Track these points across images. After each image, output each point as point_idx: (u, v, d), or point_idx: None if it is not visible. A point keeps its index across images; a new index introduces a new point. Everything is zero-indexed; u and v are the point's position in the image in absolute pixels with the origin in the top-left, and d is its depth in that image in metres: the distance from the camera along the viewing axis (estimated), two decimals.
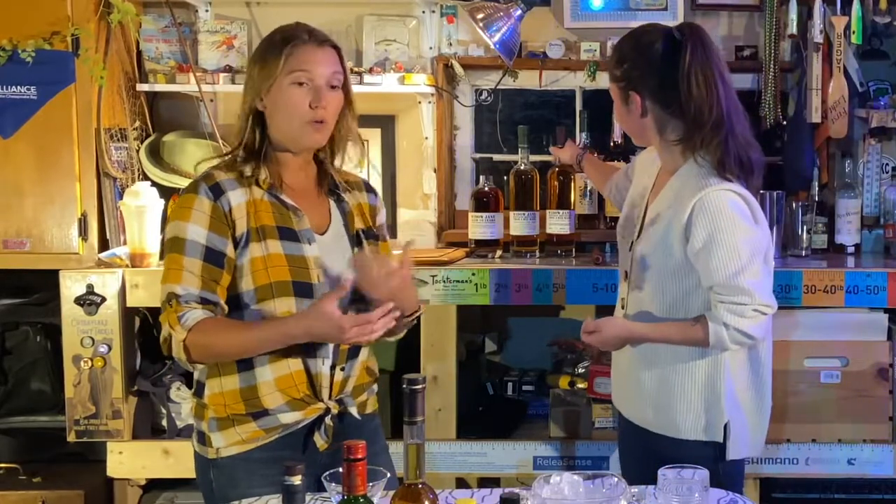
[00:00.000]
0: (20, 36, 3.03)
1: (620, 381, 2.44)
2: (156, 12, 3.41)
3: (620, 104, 2.30)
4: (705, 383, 2.26)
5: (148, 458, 3.14)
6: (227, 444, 2.10)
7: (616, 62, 2.29)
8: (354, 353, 2.17)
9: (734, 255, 2.15)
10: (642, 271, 2.29)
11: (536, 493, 1.70)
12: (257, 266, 2.06)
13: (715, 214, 2.16)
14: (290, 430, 2.10)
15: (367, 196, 2.28)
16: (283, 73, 2.06)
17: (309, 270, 2.08)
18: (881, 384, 3.01)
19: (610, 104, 2.95)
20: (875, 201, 3.42)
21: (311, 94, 2.08)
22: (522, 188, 3.26)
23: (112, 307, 3.05)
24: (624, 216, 2.46)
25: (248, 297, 2.07)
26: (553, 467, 3.06)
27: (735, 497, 1.98)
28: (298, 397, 2.09)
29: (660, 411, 2.30)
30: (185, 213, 2.05)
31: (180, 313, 2.01)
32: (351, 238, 2.19)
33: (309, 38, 2.10)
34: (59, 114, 3.09)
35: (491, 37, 3.18)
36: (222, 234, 2.05)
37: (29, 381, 3.30)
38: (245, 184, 2.08)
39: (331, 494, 1.71)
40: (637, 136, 2.36)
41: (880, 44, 3.42)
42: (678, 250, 2.21)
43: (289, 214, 2.10)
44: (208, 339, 2.02)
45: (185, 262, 2.03)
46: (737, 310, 2.16)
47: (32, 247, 3.12)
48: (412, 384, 1.60)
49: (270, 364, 2.08)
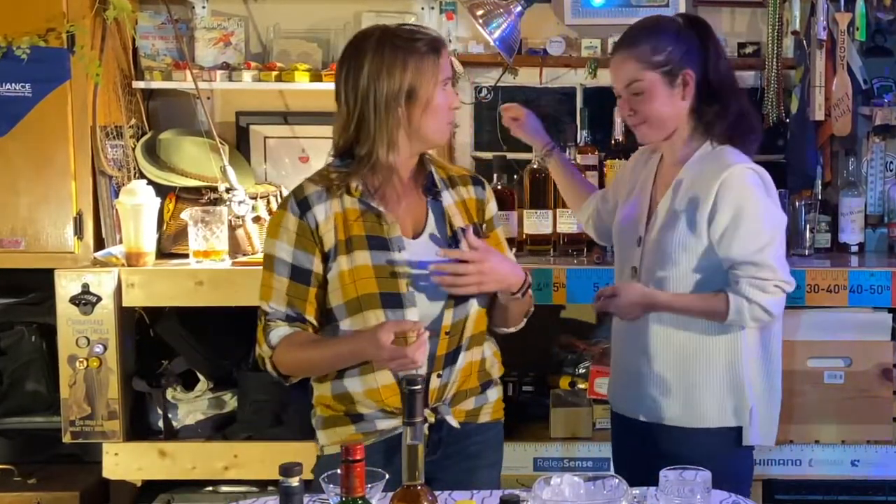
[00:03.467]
0: (15, 33, 3.02)
1: (626, 380, 2.41)
2: (152, 9, 3.38)
3: (663, 90, 2.29)
4: (727, 368, 2.30)
5: (144, 459, 3.12)
6: (329, 443, 2.16)
7: (652, 51, 2.28)
8: (453, 358, 2.13)
9: (759, 231, 2.23)
10: (661, 262, 2.29)
11: (536, 494, 1.68)
12: (345, 280, 2.07)
13: (740, 191, 2.22)
14: (387, 435, 2.10)
15: (474, 190, 2.24)
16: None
17: (397, 280, 2.07)
18: (885, 384, 3.00)
19: (611, 101, 2.95)
20: (879, 200, 3.40)
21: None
22: (536, 186, 3.24)
23: (108, 307, 3.03)
24: (623, 216, 2.45)
25: (339, 312, 2.10)
26: (553, 468, 3.05)
27: (738, 499, 1.96)
28: (390, 409, 2.09)
29: (685, 403, 2.30)
30: (275, 231, 2.11)
31: (267, 332, 2.08)
32: (447, 239, 2.15)
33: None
34: (55, 111, 3.07)
35: (491, 33, 3.16)
36: (309, 251, 2.08)
37: (24, 382, 3.28)
38: (335, 194, 2.08)
39: (329, 496, 1.70)
40: (664, 125, 2.32)
41: (884, 41, 3.40)
42: (705, 232, 2.23)
43: (379, 222, 2.09)
44: (291, 356, 2.08)
45: (274, 281, 2.09)
46: (759, 284, 2.22)
47: (27, 246, 3.10)
48: (411, 385, 1.59)
49: (360, 377, 2.10)
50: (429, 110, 2.08)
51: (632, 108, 2.33)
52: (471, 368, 2.18)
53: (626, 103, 2.34)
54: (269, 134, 3.52)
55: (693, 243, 2.26)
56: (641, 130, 2.36)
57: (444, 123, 2.13)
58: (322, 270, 2.09)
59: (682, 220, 2.27)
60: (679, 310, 2.28)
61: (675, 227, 2.27)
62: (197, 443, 3.14)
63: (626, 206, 2.46)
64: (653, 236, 2.32)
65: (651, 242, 2.32)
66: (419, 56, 2.06)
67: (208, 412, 3.19)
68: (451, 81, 2.14)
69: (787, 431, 2.97)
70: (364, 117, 2.07)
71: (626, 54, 2.31)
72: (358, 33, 2.15)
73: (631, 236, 2.39)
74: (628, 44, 2.33)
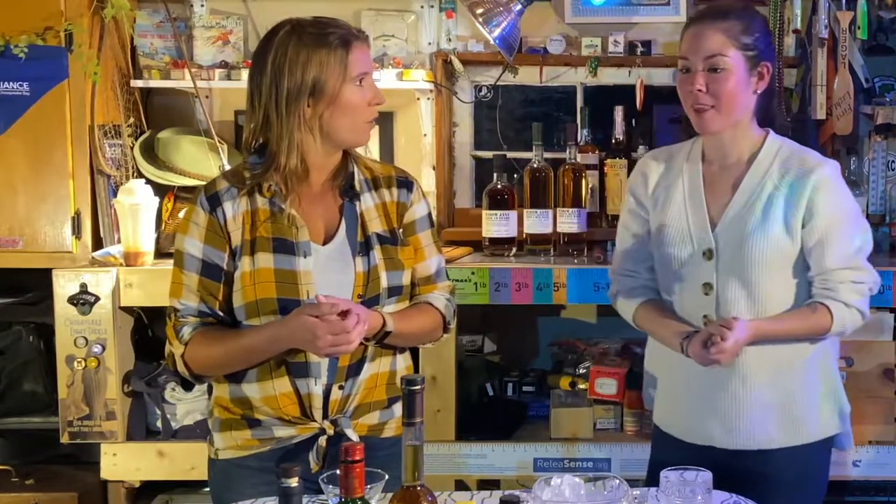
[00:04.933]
0: (12, 31, 3.01)
1: (709, 407, 2.19)
2: (150, 7, 3.37)
3: (744, 74, 2.13)
4: (823, 377, 2.21)
5: (142, 459, 3.12)
6: (224, 447, 2.07)
7: (744, 30, 2.13)
8: (356, 369, 2.05)
9: (853, 234, 2.14)
10: (749, 275, 2.12)
11: (537, 495, 1.68)
12: (245, 282, 2.00)
13: (839, 192, 2.16)
14: (284, 443, 2.05)
15: (397, 192, 2.12)
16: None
17: (298, 286, 2.00)
18: (887, 385, 3.00)
19: (612, 100, 2.95)
20: (881, 199, 3.39)
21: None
22: (537, 186, 3.23)
23: (106, 307, 3.02)
24: (672, 233, 2.21)
25: (240, 314, 2.02)
26: (554, 469, 3.03)
27: (738, 499, 1.94)
28: (287, 418, 2.04)
29: (789, 422, 2.18)
30: (185, 226, 2.04)
31: (178, 328, 2.01)
32: (357, 245, 2.05)
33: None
34: (53, 110, 3.06)
35: (490, 32, 3.15)
36: (218, 248, 2.01)
37: (21, 382, 3.28)
38: (246, 193, 2.02)
39: (328, 497, 1.70)
40: (732, 112, 2.14)
41: (886, 39, 3.39)
42: (799, 236, 2.13)
43: (288, 225, 2.01)
44: (203, 351, 2.00)
45: (184, 277, 2.02)
46: (859, 288, 2.13)
47: (25, 245, 3.09)
48: (410, 385, 1.58)
49: (258, 383, 2.03)
50: (337, 108, 1.99)
51: (707, 84, 2.12)
52: (376, 381, 2.08)
53: (700, 77, 2.11)
54: None
55: (790, 249, 2.13)
56: (707, 115, 2.13)
57: (360, 122, 2.03)
58: (231, 268, 2.02)
59: (774, 224, 2.12)
60: (784, 336, 2.13)
61: (767, 233, 2.12)
62: (195, 443, 3.11)
63: (669, 220, 2.22)
64: (731, 246, 2.14)
65: (728, 253, 2.14)
66: (326, 50, 1.97)
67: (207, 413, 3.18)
68: (365, 77, 2.01)
69: None
70: (268, 118, 2.00)
71: (716, 26, 2.12)
72: (270, 29, 2.05)
73: (690, 251, 2.18)
74: (717, 16, 2.15)
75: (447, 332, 2.20)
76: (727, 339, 2.01)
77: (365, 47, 2.04)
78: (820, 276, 2.13)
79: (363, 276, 2.04)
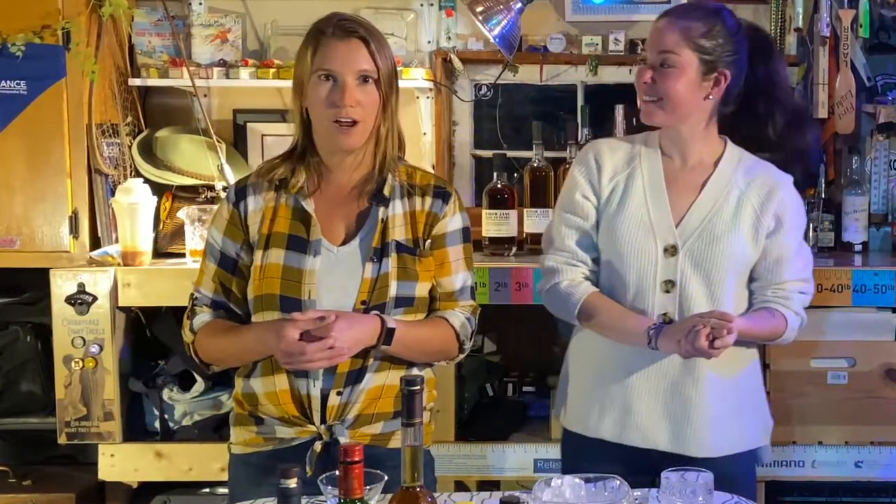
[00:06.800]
0: (9, 29, 3.00)
1: (664, 417, 2.18)
2: (148, 5, 3.37)
3: (694, 77, 2.13)
4: (759, 384, 2.29)
5: (140, 460, 3.10)
6: (235, 441, 2.11)
7: (703, 34, 2.13)
8: (356, 377, 2.02)
9: (806, 247, 2.26)
10: (713, 274, 2.14)
11: (537, 496, 1.68)
12: (256, 276, 2.04)
13: (801, 207, 2.25)
14: (286, 444, 2.05)
15: (431, 202, 2.08)
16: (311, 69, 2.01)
17: (301, 285, 2.00)
18: (889, 385, 2.98)
19: (612, 99, 2.93)
20: (883, 198, 3.38)
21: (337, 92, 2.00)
22: (537, 185, 3.22)
23: (104, 306, 3.01)
24: (632, 226, 2.18)
25: (251, 307, 2.06)
26: (554, 470, 3.01)
27: (740, 500, 1.94)
28: (286, 417, 2.04)
29: (739, 429, 2.22)
30: (214, 218, 2.13)
31: (192, 316, 2.07)
32: (372, 250, 2.02)
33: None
34: (50, 109, 3.05)
35: (490, 30, 3.15)
36: (235, 240, 2.06)
37: (19, 382, 3.27)
38: (272, 187, 2.05)
39: (327, 498, 1.69)
40: (675, 111, 2.15)
41: (888, 37, 3.38)
42: (762, 244, 2.18)
43: (306, 223, 2.03)
44: (208, 344, 2.06)
45: (206, 266, 2.10)
46: (805, 300, 2.22)
47: (22, 245, 3.08)
48: (409, 385, 1.57)
49: (262, 377, 2.05)
50: (307, 103, 2.03)
51: (654, 78, 2.14)
52: (381, 392, 2.05)
53: (649, 70, 2.15)
54: (267, 132, 3.49)
55: (752, 255, 2.18)
56: (649, 108, 2.16)
57: (325, 121, 2.00)
58: (247, 261, 2.05)
59: (742, 228, 2.16)
60: (752, 336, 2.17)
61: (738, 236, 2.15)
62: (194, 444, 3.11)
63: (628, 212, 2.19)
64: (698, 245, 2.15)
65: (695, 252, 2.14)
66: (305, 44, 2.03)
67: (205, 413, 3.17)
68: (332, 74, 1.98)
69: (791, 432, 2.95)
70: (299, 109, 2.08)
71: (675, 23, 2.14)
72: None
73: (652, 247, 2.16)
74: (682, 15, 2.17)
75: (462, 353, 2.15)
76: (732, 333, 2.00)
77: (341, 45, 1.99)
78: (776, 285, 2.19)
79: (370, 283, 2.02)
